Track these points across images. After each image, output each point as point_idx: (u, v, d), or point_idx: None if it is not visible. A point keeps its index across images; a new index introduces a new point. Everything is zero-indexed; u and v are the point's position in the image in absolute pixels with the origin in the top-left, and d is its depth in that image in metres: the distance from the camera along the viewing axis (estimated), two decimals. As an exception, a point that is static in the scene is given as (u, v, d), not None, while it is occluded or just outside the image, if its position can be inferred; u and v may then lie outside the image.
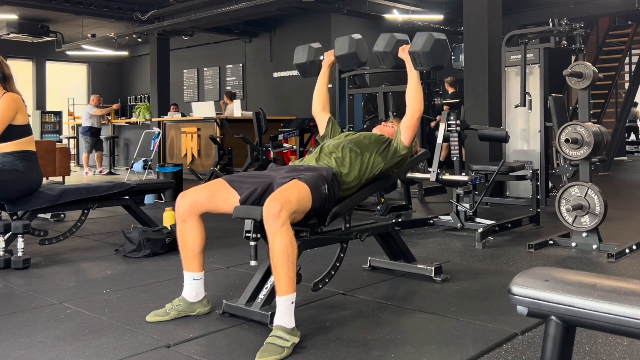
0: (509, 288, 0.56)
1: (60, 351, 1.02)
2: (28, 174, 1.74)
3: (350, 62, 1.44)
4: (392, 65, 1.38)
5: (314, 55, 1.48)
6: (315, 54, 1.48)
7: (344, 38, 1.44)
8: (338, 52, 1.44)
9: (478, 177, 2.16)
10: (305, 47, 1.49)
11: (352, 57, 1.42)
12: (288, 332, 1.02)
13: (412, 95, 1.34)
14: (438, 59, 1.32)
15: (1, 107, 1.70)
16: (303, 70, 1.50)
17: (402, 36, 1.39)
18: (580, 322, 0.53)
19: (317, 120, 1.48)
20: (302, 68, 1.50)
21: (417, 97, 1.33)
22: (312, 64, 1.48)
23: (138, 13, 5.52)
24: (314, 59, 1.48)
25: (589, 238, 1.83)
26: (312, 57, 1.48)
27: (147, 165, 4.25)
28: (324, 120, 1.46)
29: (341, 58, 1.44)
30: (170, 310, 1.19)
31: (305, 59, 1.48)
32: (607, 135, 1.88)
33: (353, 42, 1.42)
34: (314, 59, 1.48)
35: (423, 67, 1.33)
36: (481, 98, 3.07)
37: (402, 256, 1.52)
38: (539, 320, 1.06)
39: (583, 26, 2.86)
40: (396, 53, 1.37)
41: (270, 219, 1.04)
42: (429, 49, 1.30)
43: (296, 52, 1.51)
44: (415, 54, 1.32)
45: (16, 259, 1.64)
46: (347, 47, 1.42)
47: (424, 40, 1.31)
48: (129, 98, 8.17)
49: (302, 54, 1.49)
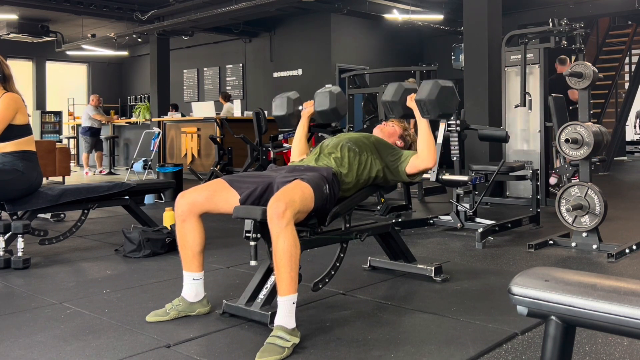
0: (509, 288, 0.56)
1: (60, 351, 1.02)
2: (28, 174, 1.74)
3: (330, 117, 1.45)
4: (400, 114, 1.38)
5: (293, 107, 1.48)
6: (294, 105, 1.48)
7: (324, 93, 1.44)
8: (318, 107, 1.44)
9: (478, 177, 2.16)
10: (283, 99, 1.49)
11: (333, 112, 1.43)
12: (288, 333, 1.02)
13: (425, 147, 1.32)
14: (445, 106, 1.30)
15: (1, 107, 1.70)
16: (282, 123, 1.51)
17: (410, 85, 1.40)
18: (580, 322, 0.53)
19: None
20: (281, 120, 1.50)
21: (430, 148, 1.31)
22: (291, 115, 1.48)
23: (138, 13, 5.52)
24: (293, 110, 1.48)
25: (589, 238, 1.83)
26: (290, 109, 1.48)
27: (147, 165, 4.25)
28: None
29: (321, 113, 1.44)
30: (170, 310, 1.19)
31: (285, 112, 1.48)
32: (607, 135, 1.87)
33: (333, 97, 1.42)
34: (292, 111, 1.48)
35: (430, 115, 1.32)
36: (481, 98, 3.07)
37: (402, 256, 1.52)
38: (539, 320, 1.05)
39: (583, 26, 2.86)
40: (404, 102, 1.37)
41: (274, 218, 1.04)
42: (435, 97, 1.29)
43: (274, 104, 1.51)
44: (421, 102, 1.31)
45: (16, 259, 1.64)
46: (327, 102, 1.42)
47: (430, 88, 1.30)
48: (129, 98, 8.18)
49: (281, 107, 1.49)
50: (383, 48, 6.02)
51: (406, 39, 6.16)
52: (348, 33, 5.69)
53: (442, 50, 5.79)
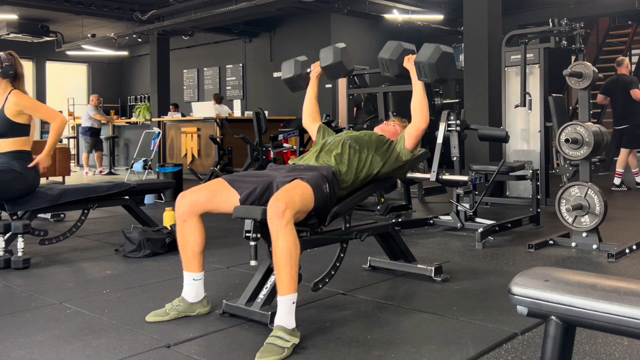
0: (509, 288, 0.56)
1: (60, 351, 1.02)
2: (25, 174, 1.74)
3: (336, 72, 1.43)
4: (396, 73, 1.37)
5: (301, 69, 1.47)
6: (302, 67, 1.47)
7: (328, 48, 1.43)
8: (324, 62, 1.42)
9: (478, 177, 2.15)
10: (290, 62, 1.48)
11: (339, 67, 1.41)
12: (288, 333, 1.02)
13: (418, 107, 1.32)
14: (443, 71, 1.30)
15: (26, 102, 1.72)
16: (292, 85, 1.49)
17: (409, 45, 1.38)
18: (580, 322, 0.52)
19: (309, 131, 1.49)
20: (290, 83, 1.48)
21: (423, 109, 1.31)
22: (299, 77, 1.47)
23: (138, 13, 5.51)
24: (302, 72, 1.47)
25: (589, 238, 1.83)
26: (299, 70, 1.47)
27: (147, 165, 4.24)
28: (314, 130, 1.46)
29: (327, 68, 1.42)
30: (170, 311, 1.19)
31: (293, 74, 1.47)
32: (607, 135, 1.87)
33: (337, 51, 1.40)
34: (301, 72, 1.47)
35: (427, 79, 1.31)
36: (481, 98, 3.06)
37: (402, 256, 1.51)
38: (539, 320, 1.05)
39: (583, 26, 2.86)
40: (401, 62, 1.36)
41: (274, 218, 1.04)
42: (435, 61, 1.28)
43: (283, 68, 1.50)
44: (420, 64, 1.30)
45: (16, 259, 1.64)
46: (332, 57, 1.40)
47: (431, 51, 1.29)
48: (129, 98, 8.17)
49: (289, 69, 1.47)
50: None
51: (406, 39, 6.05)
52: (348, 33, 5.69)
53: (442, 50, 5.80)
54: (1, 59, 1.73)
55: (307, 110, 1.48)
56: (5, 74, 1.73)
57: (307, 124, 1.49)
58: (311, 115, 1.47)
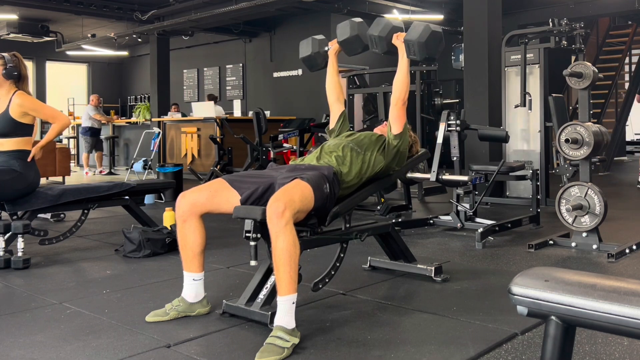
0: (509, 288, 0.56)
1: (60, 351, 1.02)
2: (25, 174, 1.74)
3: (354, 46, 1.41)
4: (384, 50, 1.36)
5: (319, 47, 1.46)
6: (319, 45, 1.46)
7: (345, 22, 1.42)
8: (341, 37, 1.41)
9: (478, 177, 2.15)
10: (308, 40, 1.48)
11: (356, 41, 1.40)
12: (288, 333, 1.02)
13: (399, 80, 1.32)
14: (432, 50, 1.31)
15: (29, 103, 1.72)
16: (310, 63, 1.48)
17: (398, 23, 1.38)
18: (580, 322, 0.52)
19: (331, 110, 1.47)
20: (309, 61, 1.48)
21: (404, 82, 1.32)
22: (317, 54, 1.46)
23: (138, 13, 5.51)
24: (319, 49, 1.46)
25: (589, 238, 1.83)
26: (316, 48, 1.46)
27: (147, 165, 4.23)
28: (337, 112, 1.45)
29: (344, 43, 1.41)
30: (169, 311, 1.18)
31: (311, 51, 1.46)
32: (607, 135, 1.87)
33: (354, 25, 1.40)
34: (319, 50, 1.46)
35: (416, 57, 1.32)
36: (481, 98, 3.06)
37: (402, 256, 1.51)
38: (539, 320, 1.05)
39: (583, 26, 2.86)
40: (390, 39, 1.36)
41: (273, 218, 1.04)
42: (425, 40, 1.29)
43: (301, 46, 1.49)
44: (410, 42, 1.31)
45: (16, 259, 1.64)
46: (349, 30, 1.39)
47: (421, 30, 1.30)
48: (129, 98, 8.16)
49: (307, 47, 1.47)
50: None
51: None
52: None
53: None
54: (5, 60, 1.74)
55: (330, 89, 1.47)
56: (9, 74, 1.73)
57: (331, 102, 1.47)
58: (335, 93, 1.46)
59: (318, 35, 1.50)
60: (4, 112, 1.72)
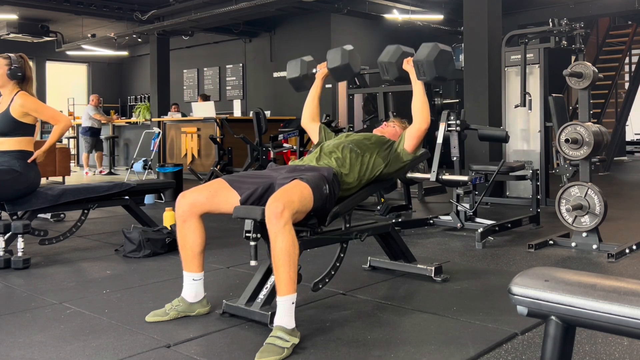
0: (509, 288, 0.56)
1: (60, 351, 1.02)
2: (26, 174, 1.74)
3: (343, 74, 1.43)
4: (395, 76, 1.38)
5: (307, 69, 1.47)
6: (307, 67, 1.47)
7: (336, 50, 1.43)
8: (331, 64, 1.42)
9: (478, 177, 2.15)
10: (297, 62, 1.48)
11: (345, 69, 1.41)
12: (288, 333, 1.02)
13: (418, 108, 1.32)
14: (442, 69, 1.31)
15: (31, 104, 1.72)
16: (297, 85, 1.49)
17: (408, 49, 1.39)
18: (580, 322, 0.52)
19: (307, 131, 1.48)
20: (296, 82, 1.48)
21: (424, 109, 1.32)
22: (305, 77, 1.47)
23: (138, 13, 5.50)
24: (307, 72, 1.47)
25: (589, 238, 1.82)
26: (305, 70, 1.46)
27: (147, 165, 4.23)
28: (315, 129, 1.46)
29: (334, 70, 1.42)
30: (169, 311, 1.18)
31: (299, 73, 1.46)
32: (607, 135, 1.87)
33: (345, 53, 1.41)
34: (307, 73, 1.47)
35: (426, 77, 1.32)
36: (481, 98, 3.06)
37: (402, 256, 1.51)
38: (539, 320, 1.05)
39: (583, 26, 2.85)
40: (401, 64, 1.37)
41: (272, 218, 1.04)
42: (433, 59, 1.29)
43: (288, 67, 1.50)
44: (419, 62, 1.31)
45: (16, 259, 1.64)
46: (339, 58, 1.40)
47: (429, 49, 1.30)
48: (129, 98, 8.14)
49: (295, 69, 1.47)
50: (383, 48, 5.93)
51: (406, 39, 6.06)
52: (348, 33, 5.66)
53: (442, 50, 5.79)
54: (11, 60, 1.74)
55: (307, 110, 1.48)
56: (13, 75, 1.74)
57: (306, 124, 1.48)
58: (311, 115, 1.47)
59: (306, 57, 1.50)
60: (5, 111, 1.73)
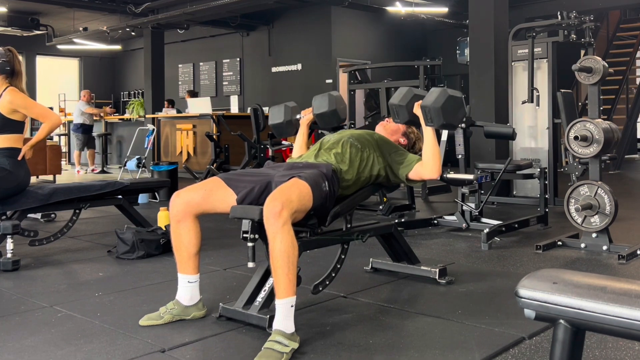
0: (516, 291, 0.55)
1: (51, 356, 0.99)
2: (15, 172, 1.70)
3: (329, 120, 1.40)
4: (406, 119, 1.34)
5: (291, 115, 1.44)
6: (291, 113, 1.45)
7: (323, 96, 1.41)
8: (317, 110, 1.40)
9: (484, 176, 2.12)
10: (280, 107, 1.45)
11: (332, 115, 1.38)
12: (287, 337, 0.99)
13: (429, 155, 1.28)
14: (450, 116, 1.26)
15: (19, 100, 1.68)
16: (280, 131, 1.46)
17: (420, 91, 1.35)
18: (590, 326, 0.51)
19: None
20: (279, 129, 1.46)
21: (435, 159, 1.27)
22: (289, 123, 1.44)
23: (131, 5, 5.39)
24: (291, 118, 1.44)
25: (598, 239, 1.79)
26: (288, 116, 1.44)
27: (141, 164, 4.17)
28: None
29: (320, 116, 1.40)
30: (164, 314, 1.16)
31: (282, 119, 1.44)
32: (618, 133, 1.83)
33: (332, 99, 1.38)
34: (290, 119, 1.44)
35: (433, 124, 1.28)
36: (487, 94, 3.00)
37: (405, 257, 1.49)
38: (547, 324, 1.01)
39: (593, 19, 2.82)
40: (411, 108, 1.33)
41: (271, 218, 1.01)
42: (441, 105, 1.25)
43: (271, 113, 1.47)
44: (426, 108, 1.27)
45: (5, 261, 1.61)
46: (326, 105, 1.38)
47: (437, 95, 1.26)
48: (122, 94, 8.08)
49: (278, 114, 1.45)
50: (385, 42, 5.95)
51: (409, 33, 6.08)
52: (349, 26, 5.61)
53: (446, 44, 5.69)
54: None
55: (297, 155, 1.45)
56: (1, 69, 1.70)
57: None
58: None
59: (289, 102, 1.48)
60: None
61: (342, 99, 1.40)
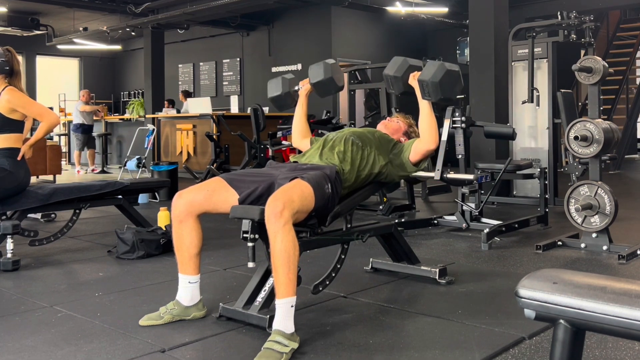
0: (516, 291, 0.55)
1: (51, 356, 0.99)
2: (15, 172, 1.70)
3: (327, 89, 1.39)
4: (400, 90, 1.33)
5: (289, 86, 1.43)
6: (289, 84, 1.44)
7: (318, 64, 1.39)
8: (313, 79, 1.38)
9: (484, 176, 2.12)
10: (278, 80, 1.45)
11: (329, 83, 1.37)
12: (287, 337, 0.99)
13: (426, 127, 1.28)
14: (447, 91, 1.25)
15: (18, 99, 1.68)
16: (279, 104, 1.45)
17: (416, 62, 1.34)
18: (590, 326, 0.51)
19: (300, 149, 1.45)
20: (278, 101, 1.45)
21: (431, 129, 1.27)
22: (287, 95, 1.43)
23: (132, 5, 5.39)
24: (289, 89, 1.43)
25: (599, 239, 1.79)
26: (286, 88, 1.43)
27: (141, 164, 4.16)
28: (306, 145, 1.42)
29: (317, 85, 1.39)
30: (164, 314, 1.16)
31: (280, 91, 1.43)
32: (618, 133, 1.83)
33: (328, 67, 1.37)
34: (289, 90, 1.43)
35: (431, 98, 1.27)
36: (487, 94, 3.00)
37: (405, 257, 1.49)
38: (547, 324, 1.01)
39: (593, 19, 2.82)
40: (407, 79, 1.32)
41: (272, 218, 1.01)
42: (439, 79, 1.24)
43: (269, 86, 1.46)
44: (423, 82, 1.26)
45: (5, 261, 1.61)
46: (322, 73, 1.36)
47: (435, 69, 1.25)
48: (122, 94, 8.06)
49: (276, 87, 1.44)
50: (385, 42, 5.95)
51: (409, 33, 6.07)
52: (349, 26, 5.60)
53: (446, 44, 5.70)
54: None
55: (296, 130, 1.44)
56: (0, 69, 1.70)
57: (297, 143, 1.45)
58: (301, 134, 1.44)
59: (287, 75, 1.47)
60: None
61: (338, 67, 1.38)
